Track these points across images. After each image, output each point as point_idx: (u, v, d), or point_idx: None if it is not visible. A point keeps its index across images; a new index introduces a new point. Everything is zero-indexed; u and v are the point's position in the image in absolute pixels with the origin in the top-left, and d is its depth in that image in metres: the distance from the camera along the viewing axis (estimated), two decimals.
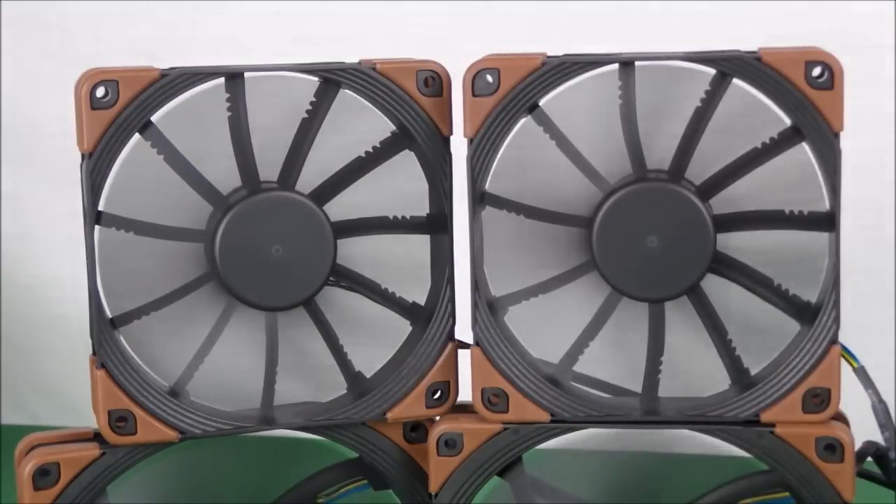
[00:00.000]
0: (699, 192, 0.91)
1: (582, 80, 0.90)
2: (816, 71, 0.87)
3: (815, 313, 0.91)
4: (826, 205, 0.90)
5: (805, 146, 0.89)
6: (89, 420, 0.95)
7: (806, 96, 0.87)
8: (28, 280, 1.54)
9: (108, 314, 0.93)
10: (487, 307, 0.93)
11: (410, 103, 0.94)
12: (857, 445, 0.93)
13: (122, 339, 0.93)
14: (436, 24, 1.42)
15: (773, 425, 0.91)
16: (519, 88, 0.90)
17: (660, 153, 0.91)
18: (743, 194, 0.91)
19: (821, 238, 0.90)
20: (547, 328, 0.94)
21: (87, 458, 0.93)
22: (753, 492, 0.95)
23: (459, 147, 0.95)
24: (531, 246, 0.93)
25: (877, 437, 0.95)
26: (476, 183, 0.91)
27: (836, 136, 0.87)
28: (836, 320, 0.90)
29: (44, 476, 0.92)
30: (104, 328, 0.92)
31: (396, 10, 1.44)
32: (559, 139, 0.91)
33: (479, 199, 0.92)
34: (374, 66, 0.94)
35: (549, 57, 0.90)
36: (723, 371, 0.93)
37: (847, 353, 0.91)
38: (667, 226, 0.90)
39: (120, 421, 0.92)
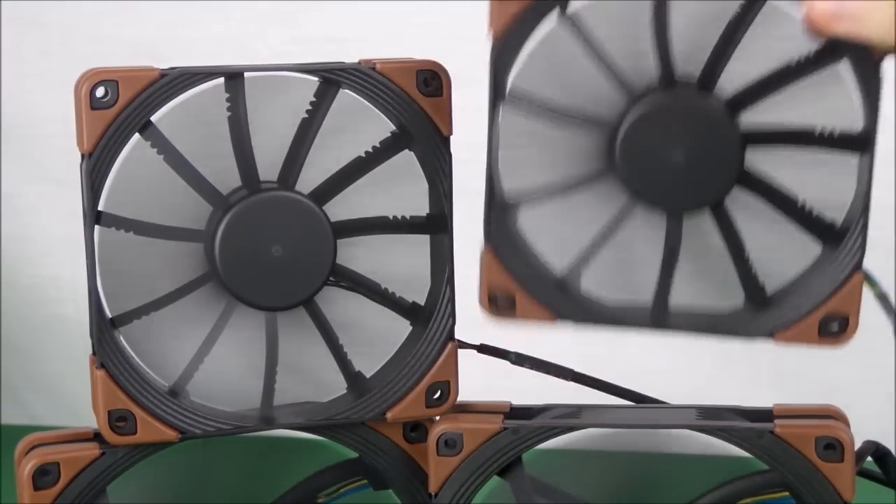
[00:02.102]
0: (730, 104, 0.88)
1: None
2: None
3: (840, 237, 0.89)
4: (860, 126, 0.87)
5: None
6: (89, 420, 0.95)
7: None
8: (28, 280, 1.54)
9: (108, 314, 0.93)
10: (500, 209, 0.91)
11: (410, 103, 0.94)
12: (857, 445, 0.93)
13: (122, 339, 0.93)
14: (436, 24, 1.42)
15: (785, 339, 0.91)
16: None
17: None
18: (772, 111, 0.89)
19: (851, 161, 0.88)
20: (561, 232, 0.92)
21: (87, 458, 0.93)
22: (753, 492, 0.95)
23: (460, 147, 0.95)
24: (549, 152, 0.91)
25: (877, 436, 0.96)
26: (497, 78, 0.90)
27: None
28: (863, 246, 0.88)
29: (44, 476, 0.92)
30: (104, 328, 0.92)
31: (396, 10, 1.44)
32: None
33: (502, 94, 0.90)
34: (374, 66, 0.94)
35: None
36: (738, 286, 0.91)
37: (869, 279, 0.89)
38: (694, 138, 0.88)
39: (120, 421, 0.92)
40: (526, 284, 0.91)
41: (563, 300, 0.91)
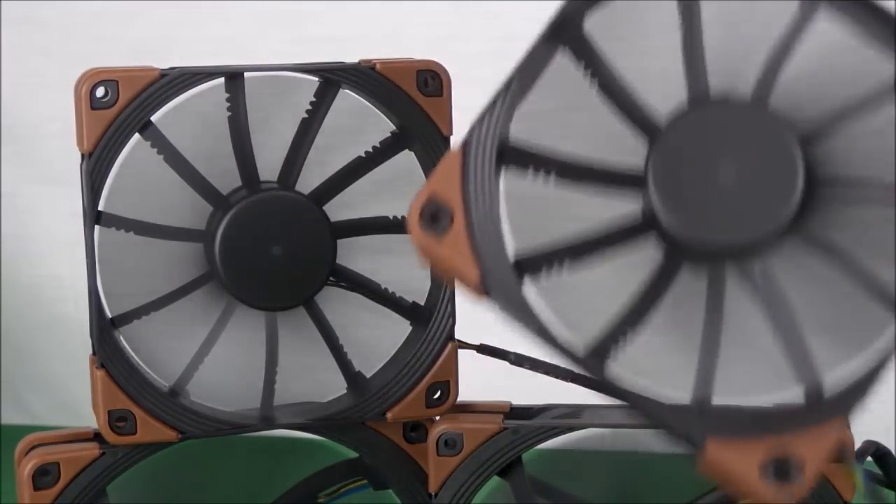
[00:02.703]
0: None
1: None
2: None
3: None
4: None
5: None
6: (89, 420, 0.95)
7: None
8: (28, 280, 1.54)
9: (108, 314, 0.93)
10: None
11: (410, 103, 0.94)
12: (857, 445, 0.93)
13: (122, 339, 0.93)
14: (436, 24, 1.42)
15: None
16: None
17: None
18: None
19: None
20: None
21: (87, 457, 0.93)
22: None
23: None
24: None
25: (876, 436, 0.96)
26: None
27: None
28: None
29: (44, 476, 0.92)
30: (104, 328, 0.92)
31: (396, 10, 1.44)
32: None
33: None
34: (374, 66, 0.94)
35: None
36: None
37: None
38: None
39: (120, 421, 0.92)
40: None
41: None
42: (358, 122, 0.95)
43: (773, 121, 0.75)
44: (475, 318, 0.92)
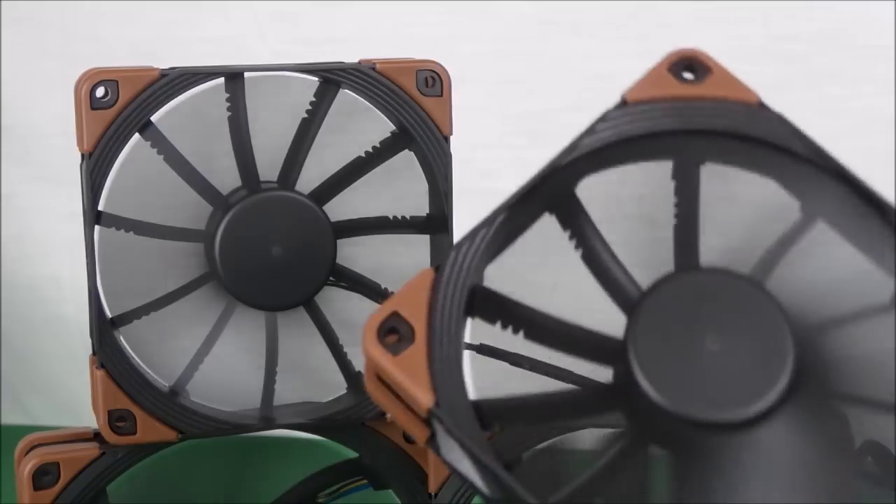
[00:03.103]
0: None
1: None
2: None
3: None
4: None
5: None
6: (89, 420, 0.95)
7: None
8: (28, 280, 1.54)
9: (108, 314, 0.93)
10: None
11: (410, 103, 0.94)
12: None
13: (122, 339, 0.93)
14: (436, 24, 1.42)
15: None
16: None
17: None
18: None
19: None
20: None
21: (87, 457, 0.93)
22: None
23: (460, 147, 0.95)
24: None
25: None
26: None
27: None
28: None
29: (44, 476, 0.92)
30: (104, 328, 0.92)
31: (396, 10, 1.44)
32: None
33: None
34: (374, 66, 0.94)
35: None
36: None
37: None
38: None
39: (120, 421, 0.92)
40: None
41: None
42: (358, 122, 0.95)
43: (767, 301, 0.70)
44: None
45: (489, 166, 1.33)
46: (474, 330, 0.73)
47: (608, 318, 0.71)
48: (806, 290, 0.72)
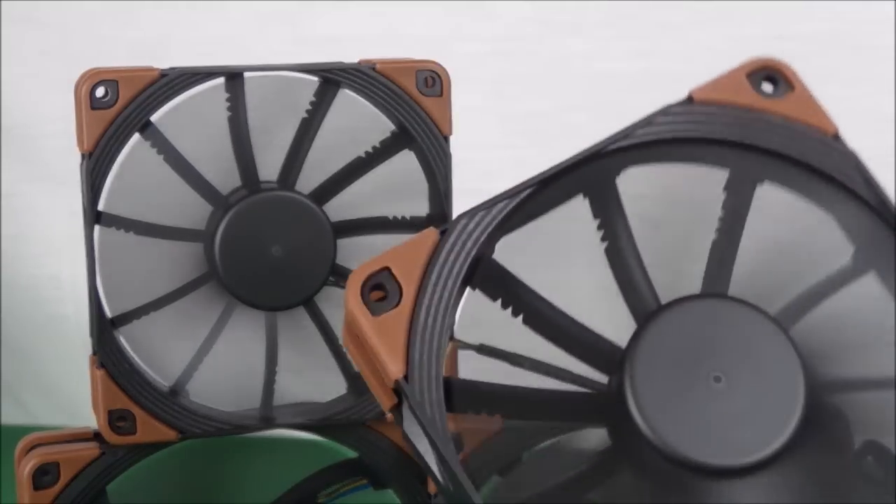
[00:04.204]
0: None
1: None
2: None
3: None
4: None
5: None
6: (89, 420, 0.95)
7: None
8: (28, 280, 1.54)
9: (108, 314, 0.93)
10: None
11: (410, 103, 0.94)
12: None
13: (122, 339, 0.93)
14: (436, 24, 1.42)
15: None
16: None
17: None
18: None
19: None
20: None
21: (87, 457, 0.93)
22: None
23: (460, 147, 0.95)
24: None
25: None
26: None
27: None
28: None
29: (44, 476, 0.92)
30: (104, 328, 0.92)
31: (396, 10, 1.44)
32: None
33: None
34: (374, 65, 0.94)
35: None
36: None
37: None
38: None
39: (120, 420, 0.92)
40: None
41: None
42: (358, 122, 0.95)
43: (788, 350, 0.65)
44: (475, 318, 0.92)
45: (489, 166, 1.33)
46: (467, 302, 0.69)
47: (613, 323, 0.68)
48: (837, 344, 0.68)
